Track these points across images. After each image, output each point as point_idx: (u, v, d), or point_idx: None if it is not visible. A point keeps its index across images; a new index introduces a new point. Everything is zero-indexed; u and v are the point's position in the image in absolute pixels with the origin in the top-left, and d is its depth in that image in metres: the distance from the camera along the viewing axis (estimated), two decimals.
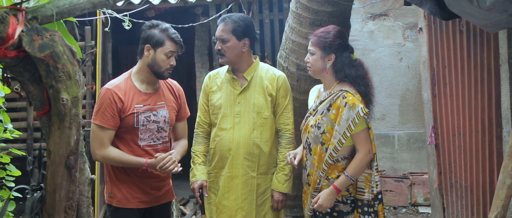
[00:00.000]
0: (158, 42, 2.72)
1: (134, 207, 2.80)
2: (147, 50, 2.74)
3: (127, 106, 2.71)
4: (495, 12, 2.07)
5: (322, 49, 2.69)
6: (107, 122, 2.67)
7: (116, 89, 2.71)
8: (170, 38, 2.74)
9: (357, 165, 2.63)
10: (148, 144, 2.79)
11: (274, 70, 3.05)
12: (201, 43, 5.86)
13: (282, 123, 2.97)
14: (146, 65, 2.77)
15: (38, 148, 5.23)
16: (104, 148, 2.68)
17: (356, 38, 6.16)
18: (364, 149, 2.63)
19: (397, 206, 5.85)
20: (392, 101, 6.26)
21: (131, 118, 2.71)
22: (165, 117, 2.84)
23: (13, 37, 1.60)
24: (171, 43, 2.74)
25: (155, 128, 2.80)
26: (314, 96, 2.89)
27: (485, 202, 3.17)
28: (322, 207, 2.63)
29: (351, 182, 2.64)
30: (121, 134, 2.73)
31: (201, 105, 3.08)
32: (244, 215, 2.92)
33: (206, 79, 3.09)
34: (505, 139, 2.86)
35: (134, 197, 2.79)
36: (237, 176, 2.93)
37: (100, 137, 2.67)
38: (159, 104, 2.83)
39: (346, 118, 2.59)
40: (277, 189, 2.94)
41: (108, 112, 2.67)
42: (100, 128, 2.67)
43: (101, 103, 2.69)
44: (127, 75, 2.82)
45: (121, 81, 2.76)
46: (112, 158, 2.70)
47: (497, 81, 2.92)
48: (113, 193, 2.79)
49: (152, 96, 2.81)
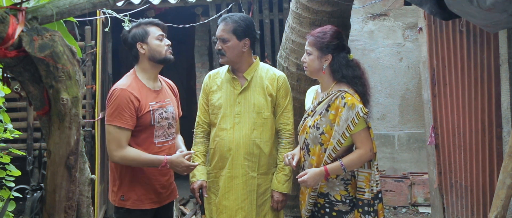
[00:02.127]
0: (143, 34, 2.78)
1: (148, 208, 2.81)
2: (140, 47, 2.78)
3: (143, 105, 2.72)
4: (495, 12, 2.07)
5: (319, 49, 2.69)
6: (125, 123, 2.66)
7: (130, 88, 2.71)
8: (150, 24, 2.81)
9: (355, 159, 2.63)
10: (161, 141, 2.82)
11: (274, 70, 3.05)
12: (201, 43, 5.86)
13: (282, 123, 2.97)
14: (147, 60, 2.80)
15: (38, 148, 5.22)
16: (122, 149, 2.67)
17: (356, 38, 6.16)
18: (364, 148, 2.63)
19: (397, 206, 5.85)
20: (392, 101, 6.25)
21: (148, 116, 2.73)
22: (173, 113, 2.89)
23: (13, 37, 1.60)
24: (154, 28, 2.81)
25: (166, 124, 2.83)
26: (311, 97, 2.89)
27: (485, 202, 3.17)
28: (305, 183, 2.62)
29: (342, 171, 2.64)
30: (136, 133, 2.73)
31: (200, 105, 3.07)
32: (244, 215, 2.92)
33: (206, 79, 3.09)
34: (505, 139, 2.86)
35: (148, 198, 2.80)
36: (237, 176, 2.93)
37: (118, 138, 2.66)
38: (167, 101, 2.87)
39: (346, 118, 2.59)
40: (277, 190, 2.94)
41: (126, 112, 2.66)
42: (118, 129, 2.66)
43: (117, 103, 2.67)
44: (132, 75, 2.82)
45: (131, 81, 2.76)
46: (131, 158, 2.69)
47: (497, 81, 2.92)
48: (127, 196, 2.77)
49: (160, 93, 2.85)
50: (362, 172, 2.69)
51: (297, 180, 2.67)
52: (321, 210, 2.76)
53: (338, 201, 2.70)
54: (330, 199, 2.72)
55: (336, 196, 2.71)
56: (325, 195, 2.73)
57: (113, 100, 2.69)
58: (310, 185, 2.64)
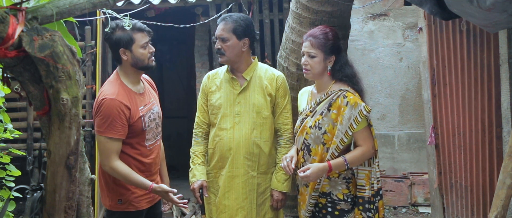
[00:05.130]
0: (128, 41, 2.67)
1: (144, 208, 2.81)
2: (124, 54, 2.70)
3: (134, 112, 2.68)
4: (495, 12, 2.07)
5: (324, 51, 2.68)
6: (117, 133, 2.63)
7: (120, 97, 2.64)
8: (136, 30, 2.69)
9: (358, 156, 2.64)
10: (152, 143, 2.82)
11: (273, 70, 3.05)
12: (201, 43, 5.86)
13: (281, 123, 2.98)
14: (129, 66, 2.73)
15: (38, 148, 5.22)
16: (114, 160, 2.64)
17: (356, 38, 6.16)
18: (367, 145, 2.65)
19: (397, 206, 5.85)
20: (392, 101, 6.25)
21: (139, 123, 2.71)
22: (159, 113, 2.88)
23: (13, 37, 1.60)
24: (140, 35, 2.70)
25: (154, 125, 2.82)
26: (306, 98, 2.89)
27: (485, 202, 3.17)
28: (308, 179, 2.60)
29: (345, 167, 2.64)
30: (128, 139, 2.70)
31: (200, 105, 3.07)
32: (245, 214, 2.92)
33: (205, 79, 3.08)
34: (505, 139, 2.86)
35: (144, 198, 2.80)
36: (237, 176, 2.93)
37: (109, 149, 2.63)
38: (152, 101, 2.85)
39: (348, 117, 2.60)
40: (277, 189, 2.94)
41: (117, 123, 2.61)
42: (109, 139, 2.62)
43: (107, 114, 2.60)
44: (117, 80, 2.74)
45: (118, 88, 2.69)
46: (120, 173, 2.65)
47: (497, 81, 2.92)
48: (124, 198, 2.75)
49: (144, 95, 2.82)
50: (362, 170, 2.70)
51: (299, 176, 2.66)
52: (323, 210, 2.76)
53: (340, 200, 2.71)
54: (333, 198, 2.72)
55: (339, 195, 2.71)
56: (327, 194, 2.73)
57: (103, 110, 2.62)
58: (312, 180, 2.63)
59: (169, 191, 2.70)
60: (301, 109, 2.88)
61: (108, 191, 2.80)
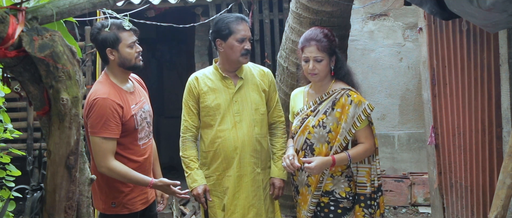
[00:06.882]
0: (114, 41, 2.64)
1: (139, 210, 2.80)
2: (110, 54, 2.67)
3: (126, 110, 2.67)
4: (495, 12, 2.07)
5: (328, 53, 2.71)
6: (112, 132, 2.60)
7: (112, 96, 2.62)
8: (122, 29, 2.66)
9: (360, 152, 2.69)
10: (145, 142, 2.80)
11: (259, 66, 3.11)
12: (201, 43, 5.86)
13: (276, 116, 3.07)
14: (117, 65, 2.70)
15: (38, 148, 5.22)
16: (110, 160, 2.61)
17: (356, 38, 6.16)
18: (369, 142, 2.71)
19: (397, 206, 5.85)
20: (392, 101, 6.25)
21: (132, 121, 2.69)
22: (149, 111, 2.87)
23: (13, 37, 1.60)
24: (126, 34, 2.67)
25: (146, 124, 2.81)
26: (301, 98, 2.90)
27: (485, 202, 3.17)
28: (311, 170, 2.62)
29: (347, 162, 2.69)
30: (121, 139, 2.67)
31: (187, 108, 2.97)
32: (255, 211, 2.93)
33: (193, 81, 2.98)
34: (505, 139, 2.86)
35: (138, 200, 2.79)
36: (245, 175, 2.93)
37: (104, 149, 2.60)
38: (142, 100, 2.83)
39: (352, 115, 2.65)
40: (279, 177, 2.98)
41: (111, 122, 2.59)
42: (104, 139, 2.59)
43: (101, 114, 2.58)
44: (106, 80, 2.72)
45: (109, 88, 2.66)
46: (117, 172, 2.62)
47: (497, 81, 2.91)
48: (117, 201, 2.73)
49: (134, 93, 2.80)
50: (363, 168, 2.74)
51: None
52: (325, 209, 2.76)
53: (343, 198, 2.73)
54: (336, 196, 2.74)
55: (341, 193, 2.74)
56: (330, 193, 2.74)
57: (96, 110, 2.59)
58: (315, 172, 2.66)
59: (171, 183, 2.68)
60: (296, 109, 2.87)
61: (101, 194, 2.77)
